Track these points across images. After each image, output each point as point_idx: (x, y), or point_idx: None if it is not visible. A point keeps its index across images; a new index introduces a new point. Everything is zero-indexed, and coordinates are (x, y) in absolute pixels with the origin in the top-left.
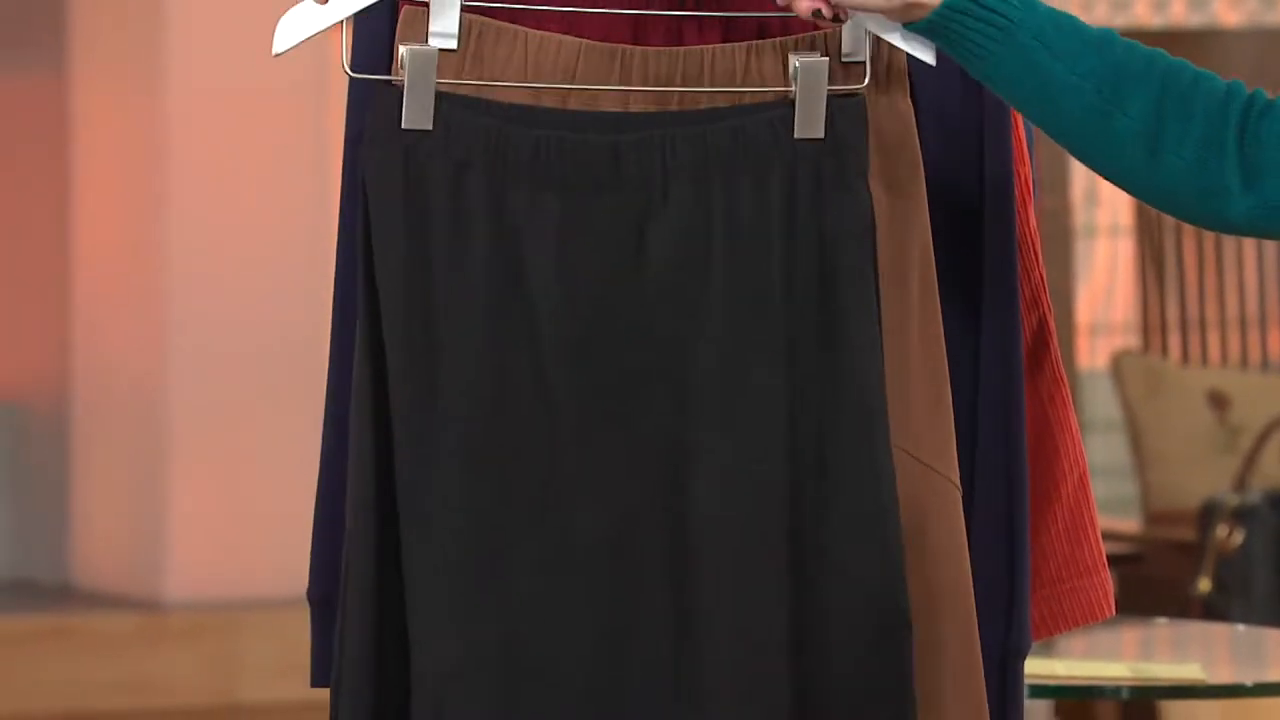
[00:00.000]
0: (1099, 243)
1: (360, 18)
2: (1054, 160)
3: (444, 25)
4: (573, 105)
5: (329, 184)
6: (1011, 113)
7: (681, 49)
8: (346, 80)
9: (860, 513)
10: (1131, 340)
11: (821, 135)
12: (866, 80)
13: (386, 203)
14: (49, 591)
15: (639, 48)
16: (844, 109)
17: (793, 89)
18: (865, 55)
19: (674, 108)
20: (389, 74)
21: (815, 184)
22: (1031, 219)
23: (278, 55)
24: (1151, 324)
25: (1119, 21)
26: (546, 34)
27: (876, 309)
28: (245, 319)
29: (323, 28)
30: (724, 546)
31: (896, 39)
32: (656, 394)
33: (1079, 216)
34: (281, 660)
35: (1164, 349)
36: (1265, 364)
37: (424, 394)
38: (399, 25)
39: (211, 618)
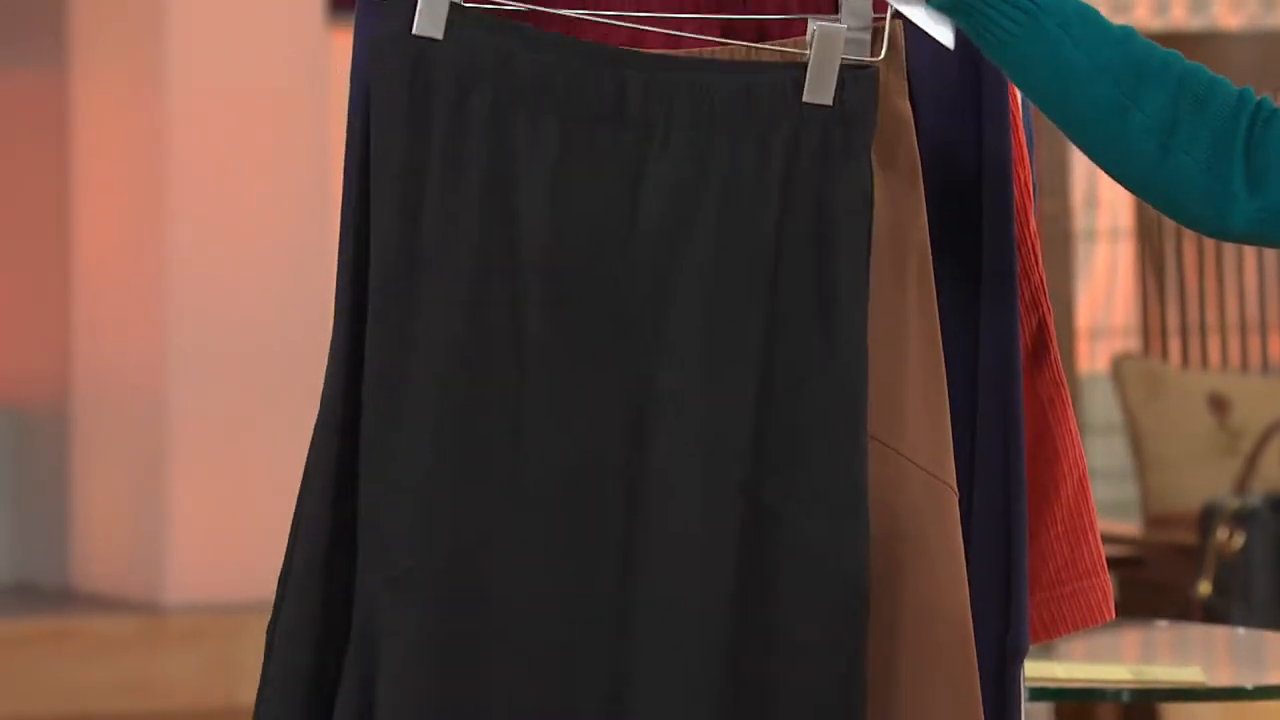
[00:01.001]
0: (1099, 246)
1: (361, 16)
2: (1054, 163)
3: (432, 14)
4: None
5: (330, 184)
6: (1012, 114)
7: (683, 50)
8: (346, 81)
9: (825, 480)
10: (1131, 343)
11: (830, 102)
12: (884, 52)
13: (389, 111)
14: (49, 594)
15: (642, 50)
16: (856, 79)
17: (807, 53)
18: (880, 36)
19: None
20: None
21: (818, 149)
22: (1031, 221)
23: None
24: (1151, 327)
25: (1119, 23)
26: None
27: (866, 278)
28: (245, 322)
29: None
30: (679, 494)
31: (920, 15)
32: (633, 336)
33: (1079, 220)
34: None
35: (1164, 352)
36: (1265, 367)
37: (402, 307)
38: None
39: (212, 620)
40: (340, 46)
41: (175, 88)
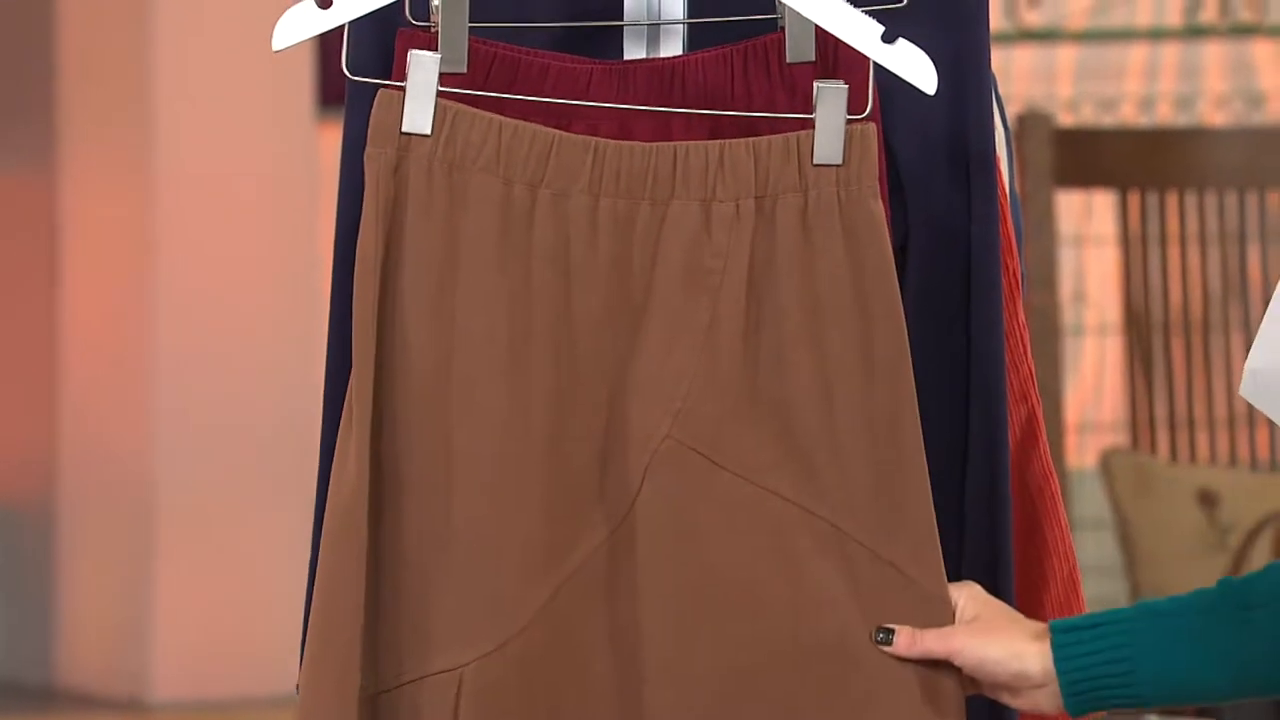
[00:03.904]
0: (1087, 341)
1: (350, 109)
2: (1042, 256)
3: (418, 109)
4: (548, 187)
5: (319, 277)
6: (1001, 204)
7: (654, 144)
8: (337, 171)
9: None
10: (1120, 438)
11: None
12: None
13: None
14: (33, 692)
15: (612, 141)
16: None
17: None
18: (853, 138)
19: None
20: (364, 181)
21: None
22: (1020, 313)
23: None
24: (1140, 422)
25: (1106, 121)
26: (520, 123)
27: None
28: (234, 417)
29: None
30: None
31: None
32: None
33: (1067, 314)
34: None
35: (1153, 447)
36: (1254, 462)
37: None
38: (374, 109)
39: (197, 718)
40: (329, 139)
41: (163, 181)
